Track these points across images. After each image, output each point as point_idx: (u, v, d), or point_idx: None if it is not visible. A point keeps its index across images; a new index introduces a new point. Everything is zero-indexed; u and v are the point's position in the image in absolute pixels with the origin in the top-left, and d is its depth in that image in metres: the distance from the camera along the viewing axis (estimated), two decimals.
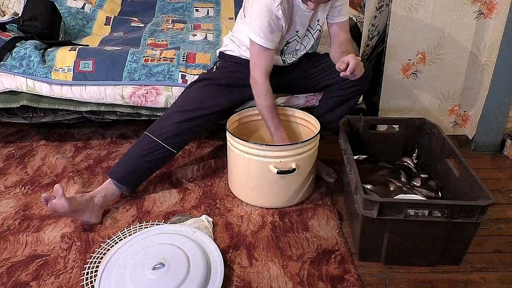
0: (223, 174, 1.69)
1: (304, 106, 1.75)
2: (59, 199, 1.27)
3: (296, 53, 1.59)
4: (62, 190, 1.27)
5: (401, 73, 1.86)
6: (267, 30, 1.36)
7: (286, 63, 1.60)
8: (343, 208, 1.51)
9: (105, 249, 1.27)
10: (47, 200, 1.28)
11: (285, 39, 1.50)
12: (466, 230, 1.18)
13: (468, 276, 1.22)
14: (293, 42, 1.52)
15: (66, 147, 1.92)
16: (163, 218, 1.44)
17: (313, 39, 1.57)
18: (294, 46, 1.55)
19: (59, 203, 1.27)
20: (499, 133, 1.88)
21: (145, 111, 1.78)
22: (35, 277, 1.19)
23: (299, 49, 1.58)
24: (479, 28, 1.75)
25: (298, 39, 1.52)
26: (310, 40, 1.57)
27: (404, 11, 1.72)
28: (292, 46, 1.54)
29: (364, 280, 1.21)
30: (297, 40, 1.52)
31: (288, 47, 1.53)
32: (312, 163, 1.49)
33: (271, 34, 1.37)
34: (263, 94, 1.43)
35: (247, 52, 1.52)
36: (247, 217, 1.46)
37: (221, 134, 1.96)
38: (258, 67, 1.43)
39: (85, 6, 2.29)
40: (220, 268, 1.16)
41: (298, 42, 1.53)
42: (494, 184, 1.67)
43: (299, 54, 1.60)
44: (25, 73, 1.70)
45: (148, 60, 1.75)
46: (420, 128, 1.61)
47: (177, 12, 2.52)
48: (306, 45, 1.58)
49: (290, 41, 1.51)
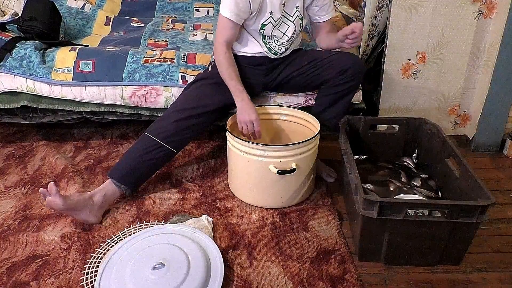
0: (223, 174, 1.69)
1: (303, 106, 1.74)
2: (54, 197, 1.29)
3: (279, 41, 1.58)
4: (56, 189, 1.29)
5: (401, 73, 1.86)
6: (233, 4, 1.44)
7: (275, 52, 1.60)
8: (343, 208, 1.51)
9: (105, 249, 1.27)
10: (44, 195, 1.31)
11: (259, 21, 1.52)
12: (466, 230, 1.18)
13: (468, 276, 1.22)
14: (268, 25, 1.53)
15: (66, 147, 1.92)
16: (163, 218, 1.44)
17: (294, 26, 1.56)
18: (271, 31, 1.55)
19: (53, 200, 1.30)
20: (499, 133, 1.88)
21: (145, 112, 1.78)
22: (35, 277, 1.20)
23: (277, 35, 1.56)
24: (479, 28, 1.75)
25: (273, 23, 1.53)
26: (290, 27, 1.56)
27: (404, 11, 1.72)
28: (268, 29, 1.54)
29: (364, 280, 1.21)
30: (272, 23, 1.53)
31: (265, 30, 1.54)
32: (312, 163, 1.49)
33: (236, 7, 1.45)
34: (222, 59, 1.51)
35: (237, 46, 1.60)
36: (247, 217, 1.46)
37: (221, 134, 1.96)
38: (220, 37, 1.52)
39: (85, 6, 2.29)
40: (220, 268, 1.16)
41: (275, 26, 1.54)
42: (494, 184, 1.67)
43: (283, 43, 1.58)
44: (25, 73, 1.70)
45: (148, 61, 1.75)
46: (420, 128, 1.61)
47: (177, 12, 2.52)
48: (285, 32, 1.57)
49: (265, 23, 1.52)
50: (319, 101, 1.64)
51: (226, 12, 1.46)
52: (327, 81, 1.56)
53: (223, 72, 1.52)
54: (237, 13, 1.46)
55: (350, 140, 1.47)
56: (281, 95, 1.75)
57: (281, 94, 1.75)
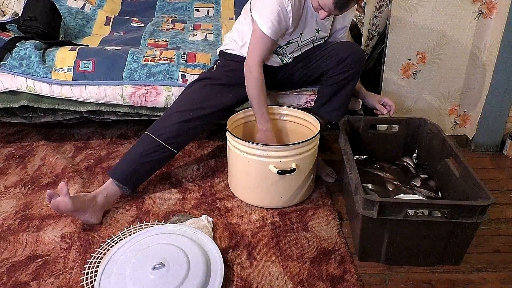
0: (223, 174, 1.69)
1: (304, 106, 1.74)
2: (63, 198, 1.27)
3: (292, 56, 1.60)
4: (67, 189, 1.27)
5: (401, 73, 1.86)
6: (276, 21, 1.39)
7: (285, 62, 1.61)
8: (343, 208, 1.51)
9: (105, 249, 1.27)
10: (50, 197, 1.29)
11: (287, 39, 1.51)
12: (466, 230, 1.18)
13: (468, 276, 1.22)
14: (293, 44, 1.53)
15: (66, 147, 1.92)
16: (163, 218, 1.44)
17: (311, 45, 1.59)
18: (292, 49, 1.56)
19: (63, 201, 1.27)
20: (499, 133, 1.88)
21: (145, 111, 1.78)
22: (35, 277, 1.19)
23: (295, 54, 1.59)
24: (479, 28, 1.75)
25: (299, 43, 1.53)
26: (309, 46, 1.59)
27: (404, 11, 1.72)
28: (291, 48, 1.55)
29: (364, 280, 1.21)
30: (298, 43, 1.53)
31: (288, 47, 1.54)
32: (312, 163, 1.49)
33: (278, 25, 1.40)
34: (254, 81, 1.47)
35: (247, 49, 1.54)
36: (247, 217, 1.45)
37: (221, 134, 1.96)
38: (256, 55, 1.46)
39: (85, 6, 2.29)
40: (220, 268, 1.16)
41: (299, 47, 1.55)
42: (494, 184, 1.67)
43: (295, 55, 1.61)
44: (25, 73, 1.70)
45: (148, 60, 1.75)
46: (420, 128, 1.61)
47: (177, 12, 2.52)
48: (304, 51, 1.60)
49: (291, 42, 1.52)
50: (321, 93, 1.62)
51: (266, 29, 1.40)
52: (327, 71, 1.56)
53: (253, 95, 1.48)
54: (277, 31, 1.42)
55: (350, 140, 1.47)
56: (281, 95, 1.74)
57: (282, 93, 1.74)
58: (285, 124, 1.69)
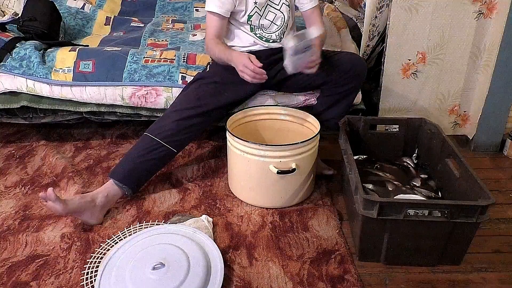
0: (223, 174, 1.69)
1: (303, 105, 1.74)
2: (53, 203, 1.28)
3: (268, 30, 1.59)
4: (55, 195, 1.27)
5: (401, 73, 1.86)
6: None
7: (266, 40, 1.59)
8: (343, 208, 1.51)
9: (105, 249, 1.27)
10: (44, 199, 1.30)
11: (246, 13, 1.53)
12: (466, 230, 1.18)
13: (468, 276, 1.22)
14: (254, 15, 1.54)
15: (66, 147, 1.92)
16: (163, 218, 1.44)
17: (282, 14, 1.57)
18: (258, 20, 1.56)
19: (53, 206, 1.29)
20: (499, 133, 1.88)
21: (145, 112, 1.78)
22: (35, 277, 1.20)
23: (265, 24, 1.57)
24: (479, 28, 1.75)
25: (259, 12, 1.54)
26: (277, 15, 1.57)
27: (404, 11, 1.72)
28: (255, 19, 1.55)
29: (364, 280, 1.21)
30: (258, 13, 1.54)
31: (252, 21, 1.55)
32: (312, 163, 1.49)
33: (218, 0, 1.48)
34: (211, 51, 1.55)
35: (230, 43, 1.61)
36: (247, 217, 1.46)
37: (221, 134, 1.96)
38: (209, 34, 1.54)
39: (85, 6, 2.30)
40: (220, 268, 1.16)
41: (261, 16, 1.55)
42: (494, 184, 1.66)
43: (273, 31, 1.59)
44: (25, 73, 1.70)
45: (148, 61, 1.75)
46: (420, 128, 1.61)
47: (177, 12, 2.52)
48: (273, 20, 1.57)
49: (251, 14, 1.53)
50: (321, 101, 1.64)
51: (210, 7, 1.50)
52: (329, 81, 1.56)
53: (215, 54, 1.53)
54: (221, 5, 1.49)
55: (350, 140, 1.47)
56: (280, 94, 1.74)
57: (281, 93, 1.74)
58: (285, 124, 1.69)
